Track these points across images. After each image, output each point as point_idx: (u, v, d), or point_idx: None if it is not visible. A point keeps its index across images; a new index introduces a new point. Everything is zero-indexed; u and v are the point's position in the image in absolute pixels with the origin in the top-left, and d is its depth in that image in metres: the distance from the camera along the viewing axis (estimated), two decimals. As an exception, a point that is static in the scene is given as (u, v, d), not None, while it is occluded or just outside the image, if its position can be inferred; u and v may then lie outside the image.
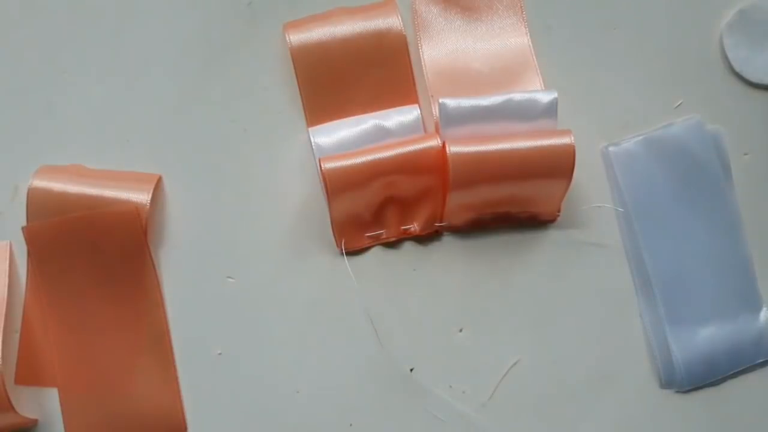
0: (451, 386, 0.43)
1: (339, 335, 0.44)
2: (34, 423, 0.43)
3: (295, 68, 0.45)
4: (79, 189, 0.42)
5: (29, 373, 0.43)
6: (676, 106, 0.47)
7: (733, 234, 0.45)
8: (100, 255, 0.42)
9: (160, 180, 0.44)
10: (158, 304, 0.43)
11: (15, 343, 0.43)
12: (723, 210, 0.45)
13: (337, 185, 0.41)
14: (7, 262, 0.43)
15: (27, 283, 0.43)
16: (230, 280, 0.44)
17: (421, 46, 0.46)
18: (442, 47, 0.47)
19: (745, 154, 0.46)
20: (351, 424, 0.43)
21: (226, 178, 0.45)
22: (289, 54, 0.45)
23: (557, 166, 0.41)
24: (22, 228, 0.42)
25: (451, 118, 0.42)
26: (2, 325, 0.42)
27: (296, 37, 0.45)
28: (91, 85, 0.46)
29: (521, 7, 0.47)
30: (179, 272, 0.44)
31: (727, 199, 0.45)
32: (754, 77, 0.47)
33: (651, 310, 0.44)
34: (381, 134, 0.44)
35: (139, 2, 0.46)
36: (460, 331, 0.44)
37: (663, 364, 0.44)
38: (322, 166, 0.41)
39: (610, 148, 0.46)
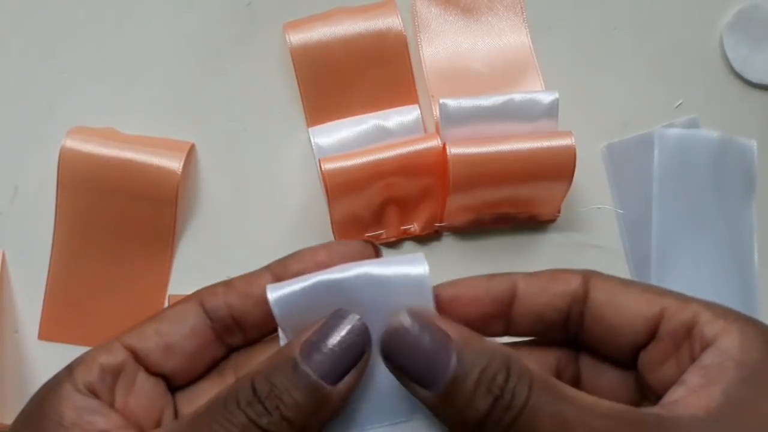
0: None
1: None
2: None
3: (295, 68, 0.45)
4: (111, 152, 0.42)
5: (53, 329, 0.43)
6: (676, 106, 0.47)
7: (738, 239, 0.45)
8: (130, 204, 0.43)
9: (192, 147, 0.44)
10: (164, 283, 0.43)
11: (15, 344, 0.43)
12: (731, 216, 0.45)
13: (338, 186, 0.42)
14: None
15: (55, 224, 0.43)
16: (230, 280, 0.44)
17: (421, 46, 0.46)
18: (442, 47, 0.47)
19: (745, 154, 0.46)
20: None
21: (225, 178, 0.45)
22: (289, 54, 0.45)
23: (558, 168, 0.41)
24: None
25: (452, 119, 0.42)
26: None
27: (296, 37, 0.45)
28: (90, 85, 0.46)
29: (521, 7, 0.47)
30: (179, 272, 0.44)
31: (736, 204, 0.45)
32: (754, 77, 0.47)
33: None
34: (381, 134, 0.44)
35: (139, 2, 0.46)
36: (460, 331, 0.44)
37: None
38: (323, 167, 0.41)
39: (610, 149, 0.46)
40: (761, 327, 0.25)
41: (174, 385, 0.27)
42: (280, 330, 0.26)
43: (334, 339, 0.24)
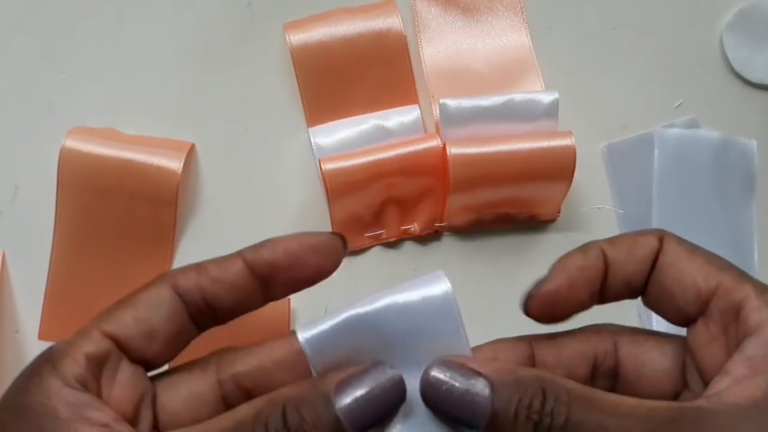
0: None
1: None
2: None
3: (295, 68, 0.45)
4: (111, 152, 0.42)
5: (53, 329, 0.43)
6: (676, 106, 0.47)
7: (738, 239, 0.45)
8: (130, 204, 0.43)
9: (193, 147, 0.44)
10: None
11: (15, 344, 0.43)
12: (731, 216, 0.45)
13: (338, 186, 0.42)
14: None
15: (55, 224, 0.43)
16: (230, 280, 0.44)
17: (421, 46, 0.46)
18: (442, 47, 0.47)
19: (745, 154, 0.46)
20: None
21: (225, 178, 0.45)
22: (289, 54, 0.45)
23: (558, 168, 0.41)
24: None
25: (452, 119, 0.42)
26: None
27: (296, 37, 0.45)
28: (90, 85, 0.46)
29: (521, 7, 0.47)
30: (179, 272, 0.44)
31: (736, 204, 0.45)
32: (754, 77, 0.47)
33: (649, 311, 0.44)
34: (381, 134, 0.44)
35: (139, 2, 0.46)
36: (460, 331, 0.44)
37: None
38: (323, 167, 0.41)
39: (610, 149, 0.46)
40: None
41: (150, 368, 0.27)
42: (312, 367, 0.26)
43: (370, 389, 0.25)
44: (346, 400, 0.24)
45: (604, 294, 0.28)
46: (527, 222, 0.45)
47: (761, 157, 0.46)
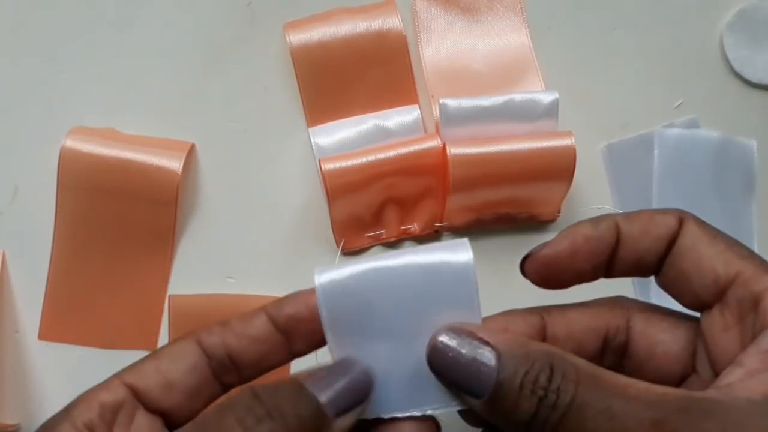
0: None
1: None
2: (16, 428, 0.43)
3: (295, 68, 0.45)
4: (111, 152, 0.42)
5: (53, 329, 0.43)
6: (676, 106, 0.47)
7: (738, 239, 0.45)
8: (130, 204, 0.42)
9: (193, 147, 0.44)
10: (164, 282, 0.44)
11: (15, 344, 0.43)
12: (731, 216, 0.45)
13: (338, 186, 0.42)
14: None
15: (55, 224, 0.43)
16: (230, 280, 0.44)
17: (421, 46, 0.46)
18: (442, 47, 0.47)
19: (745, 154, 0.46)
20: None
21: (225, 178, 0.45)
22: (289, 54, 0.45)
23: (558, 168, 0.41)
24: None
25: (452, 119, 0.42)
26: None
27: (296, 37, 0.45)
28: (90, 86, 0.46)
29: (521, 7, 0.47)
30: (179, 272, 0.44)
31: (736, 204, 0.45)
32: (754, 77, 0.47)
33: (645, 290, 0.44)
34: (381, 134, 0.44)
35: (139, 2, 0.46)
36: (460, 331, 0.44)
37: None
38: (323, 167, 0.41)
39: (610, 149, 0.46)
40: None
41: (171, 422, 0.27)
42: (320, 308, 0.26)
43: (340, 381, 0.25)
44: (321, 387, 0.25)
45: (612, 268, 0.27)
46: (527, 222, 0.45)
47: (761, 157, 0.46)
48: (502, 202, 0.43)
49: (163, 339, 0.44)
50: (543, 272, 0.27)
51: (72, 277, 0.43)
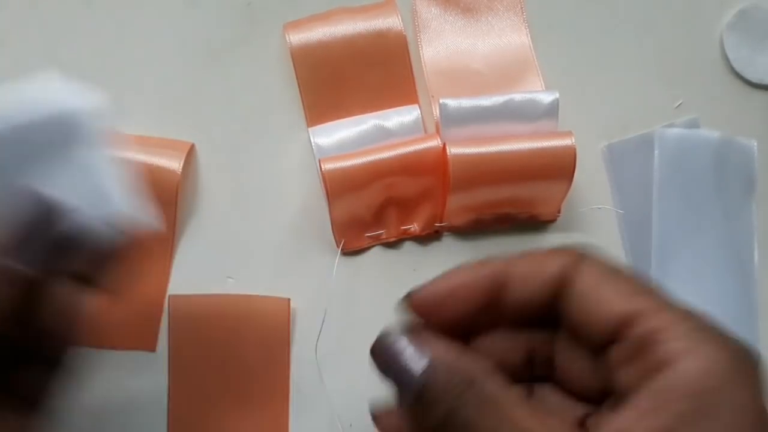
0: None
1: (339, 334, 0.44)
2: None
3: (295, 68, 0.45)
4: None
5: None
6: (676, 106, 0.47)
7: (738, 239, 0.45)
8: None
9: (192, 147, 0.44)
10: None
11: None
12: (731, 216, 0.45)
13: (338, 186, 0.42)
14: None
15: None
16: (230, 280, 0.44)
17: (421, 46, 0.46)
18: (442, 47, 0.47)
19: (745, 154, 0.46)
20: (351, 424, 0.43)
21: (225, 178, 0.45)
22: (289, 54, 0.45)
23: (558, 168, 0.41)
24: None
25: (452, 119, 0.42)
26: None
27: (296, 37, 0.45)
28: (90, 86, 0.46)
29: (521, 7, 0.47)
30: (179, 272, 0.44)
31: (736, 204, 0.45)
32: (754, 77, 0.47)
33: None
34: (381, 134, 0.44)
35: (139, 2, 0.46)
36: (460, 331, 0.44)
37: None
38: (322, 167, 0.41)
39: (610, 149, 0.46)
40: (734, 351, 0.24)
41: None
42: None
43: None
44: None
45: (504, 311, 0.27)
46: (527, 222, 0.45)
47: (761, 157, 0.46)
48: (502, 202, 0.43)
49: (162, 339, 0.43)
50: (421, 312, 0.28)
51: None
